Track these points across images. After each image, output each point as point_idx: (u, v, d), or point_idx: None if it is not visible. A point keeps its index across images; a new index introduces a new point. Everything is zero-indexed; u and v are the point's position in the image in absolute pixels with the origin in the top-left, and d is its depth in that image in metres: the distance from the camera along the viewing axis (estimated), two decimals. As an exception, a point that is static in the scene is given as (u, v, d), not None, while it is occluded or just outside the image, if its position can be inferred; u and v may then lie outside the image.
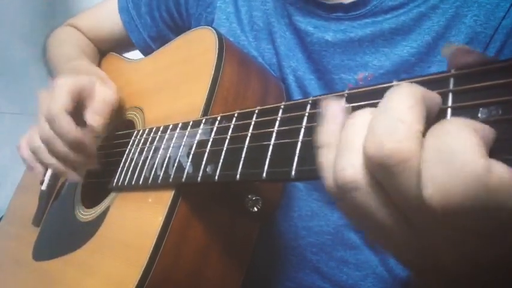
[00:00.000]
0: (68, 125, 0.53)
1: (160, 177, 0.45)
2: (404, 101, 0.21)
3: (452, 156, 0.19)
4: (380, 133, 0.21)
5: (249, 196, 0.45)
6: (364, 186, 0.23)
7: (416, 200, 0.21)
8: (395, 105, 0.22)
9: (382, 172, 0.22)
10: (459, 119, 0.21)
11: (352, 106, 0.27)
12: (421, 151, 0.21)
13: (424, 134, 0.21)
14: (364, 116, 0.24)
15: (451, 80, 0.23)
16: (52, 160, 0.57)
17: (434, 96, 0.23)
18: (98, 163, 0.59)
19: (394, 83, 0.26)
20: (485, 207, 0.19)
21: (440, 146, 0.20)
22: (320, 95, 0.32)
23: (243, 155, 0.35)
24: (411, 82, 0.25)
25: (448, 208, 0.19)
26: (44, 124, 0.55)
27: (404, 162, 0.21)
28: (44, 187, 0.72)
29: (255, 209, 0.45)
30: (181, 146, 0.44)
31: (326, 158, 0.25)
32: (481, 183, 0.18)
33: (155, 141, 0.49)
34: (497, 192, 0.19)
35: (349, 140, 0.23)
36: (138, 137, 0.53)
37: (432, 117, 0.22)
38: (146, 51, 0.74)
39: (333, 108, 0.26)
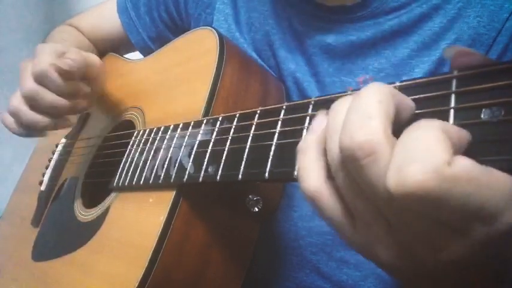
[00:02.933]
0: (58, 78, 0.53)
1: (161, 178, 0.45)
2: (372, 97, 0.22)
3: (416, 148, 0.20)
4: (350, 127, 0.22)
5: (250, 196, 0.45)
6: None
7: (384, 191, 0.21)
8: (364, 100, 0.23)
9: (353, 165, 0.23)
10: (433, 120, 0.21)
11: None
12: (390, 147, 0.21)
13: (396, 135, 0.22)
14: (346, 102, 0.25)
15: (454, 82, 0.24)
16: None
17: (405, 97, 0.24)
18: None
19: (397, 84, 0.26)
20: (440, 197, 0.20)
21: (408, 139, 0.21)
22: (322, 96, 0.32)
23: (245, 156, 0.35)
24: (413, 84, 0.26)
25: (404, 193, 0.20)
26: (29, 80, 0.53)
27: (372, 154, 0.21)
28: (43, 187, 0.72)
29: (256, 209, 0.45)
30: (183, 147, 0.44)
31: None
32: (437, 173, 0.19)
33: (156, 142, 0.49)
34: (454, 185, 0.19)
35: (333, 124, 0.25)
36: (139, 137, 0.53)
37: (404, 119, 0.23)
38: (146, 52, 0.74)
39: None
